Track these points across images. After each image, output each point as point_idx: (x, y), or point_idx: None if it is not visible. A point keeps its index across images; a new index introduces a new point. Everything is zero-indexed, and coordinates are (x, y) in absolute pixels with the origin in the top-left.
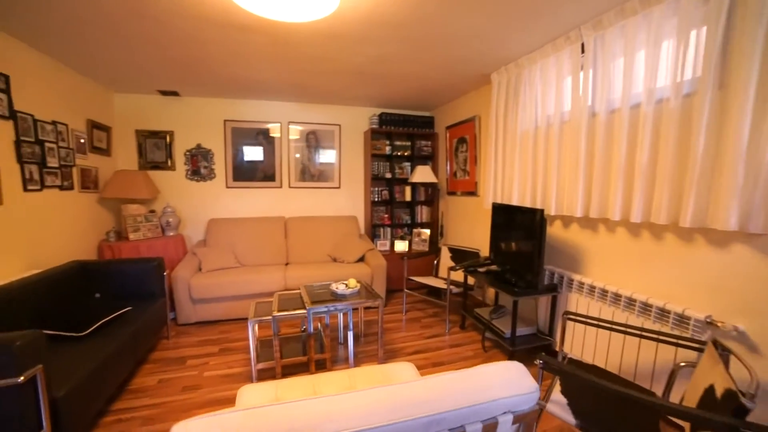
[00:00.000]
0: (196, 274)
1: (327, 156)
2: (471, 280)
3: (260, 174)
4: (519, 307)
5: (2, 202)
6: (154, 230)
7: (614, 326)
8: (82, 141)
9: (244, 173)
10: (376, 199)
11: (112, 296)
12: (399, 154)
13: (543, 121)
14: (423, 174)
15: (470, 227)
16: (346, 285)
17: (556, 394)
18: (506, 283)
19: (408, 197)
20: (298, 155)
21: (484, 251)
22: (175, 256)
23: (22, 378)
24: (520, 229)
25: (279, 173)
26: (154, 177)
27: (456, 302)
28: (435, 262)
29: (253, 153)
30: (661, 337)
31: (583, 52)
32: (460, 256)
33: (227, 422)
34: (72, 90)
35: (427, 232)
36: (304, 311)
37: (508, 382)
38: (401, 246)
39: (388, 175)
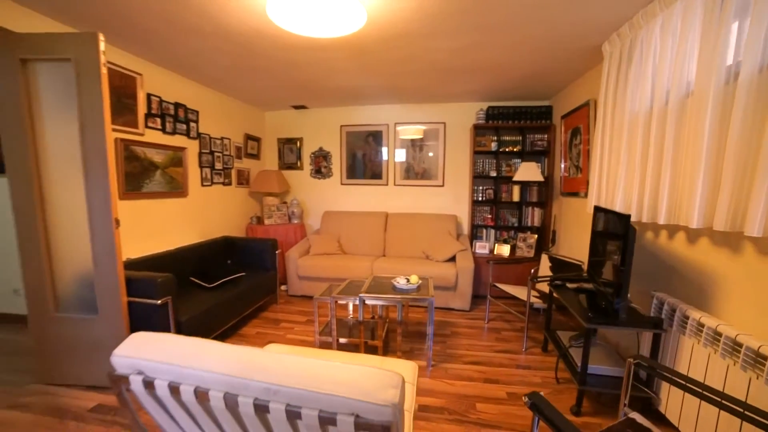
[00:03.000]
0: (304, 255)
1: (431, 154)
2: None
3: (369, 172)
4: (616, 341)
5: (188, 193)
6: (282, 218)
7: (746, 412)
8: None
9: (356, 171)
10: (480, 198)
11: (238, 263)
12: (507, 150)
13: (660, 98)
14: (528, 171)
15: (580, 234)
16: (408, 280)
17: None
18: (594, 307)
19: (516, 197)
20: (403, 154)
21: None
22: (294, 240)
23: (159, 301)
24: (610, 239)
25: (385, 171)
26: (287, 176)
27: (553, 320)
28: (532, 270)
29: (363, 153)
30: None
31: None
32: (561, 267)
33: (154, 341)
34: (234, 113)
35: (535, 236)
36: (355, 297)
37: (366, 387)
38: (503, 250)
39: (493, 173)
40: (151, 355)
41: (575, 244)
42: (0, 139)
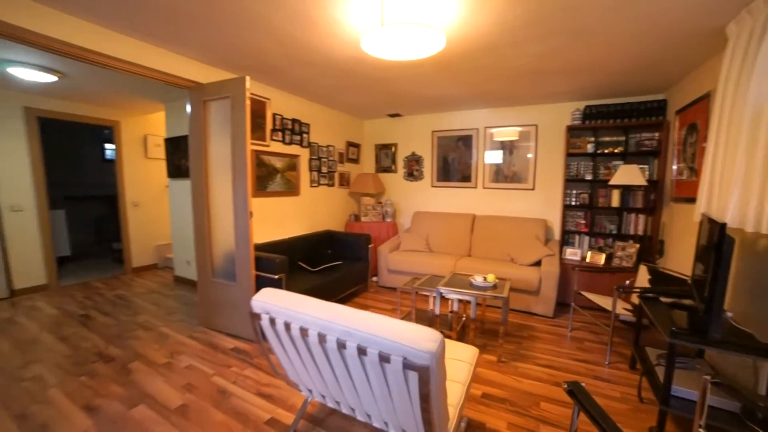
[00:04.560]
0: (394, 251)
1: (529, 156)
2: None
3: (458, 175)
4: (733, 373)
5: (300, 193)
6: (377, 216)
7: None
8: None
9: (446, 174)
10: (573, 203)
11: (337, 254)
12: (606, 151)
13: None
14: (627, 174)
15: (692, 246)
16: (485, 278)
17: None
18: (691, 326)
19: (615, 203)
20: (493, 157)
21: None
22: (386, 236)
23: (276, 276)
24: (712, 251)
25: (474, 175)
26: (383, 178)
27: (647, 337)
28: (627, 282)
29: (453, 157)
30: None
31: None
32: (662, 280)
33: (277, 293)
34: (338, 123)
35: (636, 246)
36: (433, 290)
37: (413, 337)
38: (598, 258)
39: (589, 177)
40: (275, 301)
41: (686, 256)
42: (189, 155)
